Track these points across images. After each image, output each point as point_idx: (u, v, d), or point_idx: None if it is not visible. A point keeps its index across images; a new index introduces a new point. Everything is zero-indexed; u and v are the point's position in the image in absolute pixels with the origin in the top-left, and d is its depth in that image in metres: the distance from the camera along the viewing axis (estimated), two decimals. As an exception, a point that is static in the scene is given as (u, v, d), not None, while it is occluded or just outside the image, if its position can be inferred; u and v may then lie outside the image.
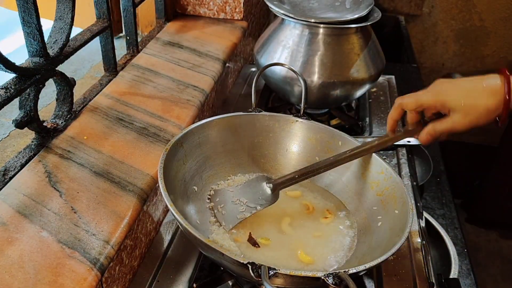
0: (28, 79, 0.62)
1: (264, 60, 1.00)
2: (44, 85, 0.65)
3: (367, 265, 0.51)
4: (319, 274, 0.48)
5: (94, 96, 0.80)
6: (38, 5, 0.60)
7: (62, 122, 0.72)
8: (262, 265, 0.48)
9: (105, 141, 0.71)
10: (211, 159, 0.75)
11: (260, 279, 0.47)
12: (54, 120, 0.72)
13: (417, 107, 0.67)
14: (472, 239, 2.19)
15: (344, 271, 0.48)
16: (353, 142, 0.74)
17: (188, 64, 0.95)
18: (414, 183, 0.92)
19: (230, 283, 0.67)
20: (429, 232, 1.04)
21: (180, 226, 0.65)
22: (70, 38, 0.70)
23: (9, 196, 0.58)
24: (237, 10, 1.16)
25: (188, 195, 0.69)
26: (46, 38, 0.65)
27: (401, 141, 0.98)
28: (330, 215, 0.72)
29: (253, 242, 0.65)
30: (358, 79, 0.96)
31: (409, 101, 0.67)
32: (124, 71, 0.89)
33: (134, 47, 0.96)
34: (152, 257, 0.71)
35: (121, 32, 1.15)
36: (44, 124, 0.68)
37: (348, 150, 0.70)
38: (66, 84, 0.70)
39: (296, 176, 0.69)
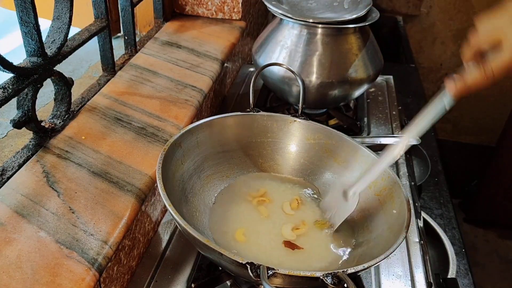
0: (26, 79, 0.61)
1: (262, 60, 1.00)
2: (42, 85, 0.65)
3: (366, 265, 0.51)
4: (318, 274, 0.48)
5: (92, 96, 0.80)
6: (36, 4, 0.60)
7: (60, 122, 0.72)
8: (260, 265, 0.48)
9: (103, 141, 0.71)
10: (209, 159, 0.75)
11: (259, 279, 0.47)
12: (52, 120, 0.72)
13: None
14: (470, 239, 2.20)
15: (342, 271, 0.49)
16: (351, 142, 0.74)
17: (186, 64, 0.95)
18: (412, 183, 0.92)
19: (228, 283, 0.67)
20: (427, 232, 1.04)
21: (178, 226, 0.65)
22: (68, 37, 0.70)
23: (7, 196, 0.58)
24: (235, 10, 1.16)
25: (186, 195, 0.69)
26: (44, 38, 0.65)
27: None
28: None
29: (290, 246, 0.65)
30: (357, 79, 0.96)
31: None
32: (122, 71, 0.89)
33: (132, 47, 0.96)
34: (151, 257, 0.71)
35: (119, 32, 1.15)
36: (42, 124, 0.68)
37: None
38: (64, 84, 0.70)
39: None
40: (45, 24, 0.67)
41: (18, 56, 0.64)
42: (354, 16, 0.93)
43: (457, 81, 0.52)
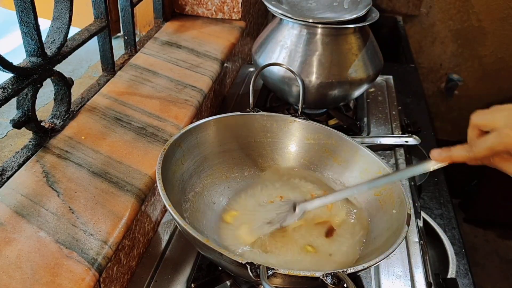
0: (26, 79, 0.61)
1: (262, 60, 1.00)
2: (41, 85, 0.65)
3: (365, 265, 0.51)
4: (318, 274, 0.48)
5: (92, 96, 0.80)
6: (36, 4, 0.60)
7: (60, 122, 0.72)
8: (260, 265, 0.48)
9: (103, 141, 0.71)
10: (209, 159, 0.75)
11: (258, 279, 0.47)
12: (51, 120, 0.72)
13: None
14: (470, 239, 2.20)
15: (342, 271, 0.49)
16: (351, 142, 0.74)
17: (186, 64, 0.95)
18: (412, 183, 0.92)
19: (228, 283, 0.67)
20: (427, 232, 1.04)
21: (178, 226, 0.65)
22: (68, 37, 0.70)
23: (7, 196, 0.58)
24: (235, 10, 1.16)
25: (186, 195, 0.69)
26: (44, 38, 0.65)
27: (399, 141, 0.99)
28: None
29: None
30: (356, 79, 0.96)
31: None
32: (122, 71, 0.89)
33: (132, 47, 0.96)
34: (150, 257, 0.71)
35: (119, 32, 1.15)
36: (41, 124, 0.68)
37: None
38: (64, 84, 0.70)
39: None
40: (45, 24, 0.67)
41: (18, 56, 0.64)
42: (354, 16, 0.93)
43: (444, 152, 0.57)
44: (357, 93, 1.00)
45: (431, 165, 0.57)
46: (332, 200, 0.66)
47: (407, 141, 0.99)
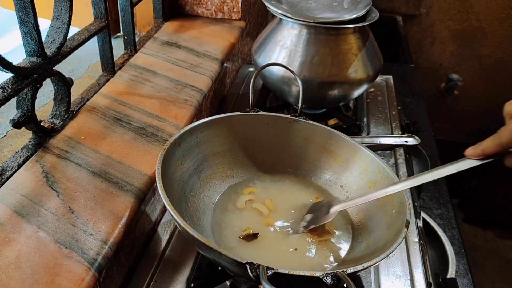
0: (26, 79, 0.61)
1: (262, 60, 1.00)
2: (41, 85, 0.65)
3: (365, 265, 0.51)
4: (318, 274, 0.48)
5: (92, 96, 0.80)
6: (35, 4, 0.60)
7: (59, 122, 0.72)
8: (260, 264, 0.48)
9: (103, 141, 0.71)
10: (208, 159, 0.75)
11: (258, 279, 0.47)
12: (51, 120, 0.72)
13: None
14: (470, 239, 2.20)
15: (342, 271, 0.49)
16: (351, 142, 0.74)
17: (186, 64, 0.95)
18: (412, 183, 0.92)
19: (228, 283, 0.67)
20: (426, 232, 1.04)
21: (178, 226, 0.65)
22: (67, 37, 0.70)
23: (6, 196, 0.58)
24: (235, 10, 1.16)
25: (186, 195, 0.69)
26: (43, 38, 0.65)
27: (399, 141, 0.99)
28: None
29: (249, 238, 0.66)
30: (356, 79, 0.96)
31: None
32: (122, 71, 0.89)
33: (132, 47, 0.96)
34: (150, 257, 0.71)
35: (119, 31, 1.15)
36: (41, 124, 0.68)
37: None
38: (64, 84, 0.70)
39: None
40: (44, 24, 0.67)
41: (18, 56, 0.64)
42: (354, 16, 0.93)
43: (475, 147, 0.56)
44: (356, 93, 1.00)
45: (465, 165, 0.57)
46: (364, 200, 0.64)
47: (406, 141, 0.99)
